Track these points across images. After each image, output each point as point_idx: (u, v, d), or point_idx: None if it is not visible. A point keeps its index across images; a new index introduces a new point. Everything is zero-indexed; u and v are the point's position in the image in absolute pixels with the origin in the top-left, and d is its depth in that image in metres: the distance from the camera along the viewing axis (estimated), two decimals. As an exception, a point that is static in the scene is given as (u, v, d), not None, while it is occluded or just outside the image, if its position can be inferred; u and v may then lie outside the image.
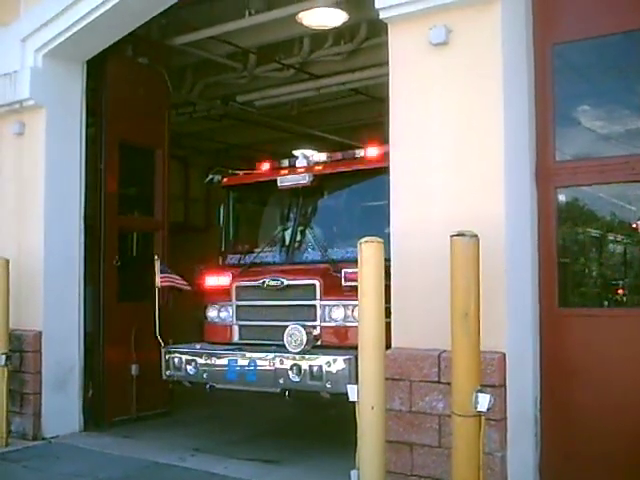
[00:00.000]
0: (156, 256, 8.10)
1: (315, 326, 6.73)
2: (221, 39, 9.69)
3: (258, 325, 7.25)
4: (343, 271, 6.56)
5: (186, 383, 7.41)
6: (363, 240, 4.74)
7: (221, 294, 7.54)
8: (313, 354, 6.44)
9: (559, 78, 5.48)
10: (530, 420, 5.28)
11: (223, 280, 7.57)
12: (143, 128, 9.04)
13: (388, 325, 5.11)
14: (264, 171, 7.88)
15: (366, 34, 9.36)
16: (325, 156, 7.64)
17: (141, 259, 9.29)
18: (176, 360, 7.28)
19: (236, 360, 6.86)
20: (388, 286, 5.16)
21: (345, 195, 7.58)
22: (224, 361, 6.95)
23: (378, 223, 6.05)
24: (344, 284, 6.55)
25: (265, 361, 6.65)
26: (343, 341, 6.63)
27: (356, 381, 4.79)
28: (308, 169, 7.48)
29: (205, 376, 7.09)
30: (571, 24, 5.48)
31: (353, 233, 6.28)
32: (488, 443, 4.76)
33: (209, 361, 7.04)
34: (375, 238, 4.75)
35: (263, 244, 7.76)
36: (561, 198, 5.54)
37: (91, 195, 8.52)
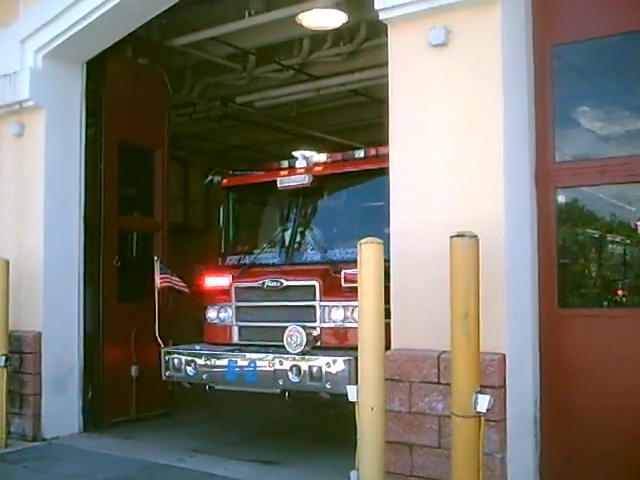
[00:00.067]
0: (156, 257, 8.12)
1: (315, 327, 6.73)
2: (221, 40, 9.68)
3: (258, 326, 7.25)
4: (343, 272, 6.57)
5: (186, 384, 7.42)
6: (363, 241, 4.74)
7: (221, 295, 7.54)
8: (313, 355, 6.44)
9: (559, 79, 5.48)
10: (530, 421, 5.28)
11: (223, 281, 7.58)
12: (143, 129, 9.03)
13: (388, 326, 5.11)
14: (264, 172, 7.89)
15: (366, 35, 9.35)
16: (325, 157, 7.65)
17: (141, 260, 9.27)
18: (176, 361, 7.28)
19: (236, 361, 6.86)
20: (388, 287, 5.16)
21: (345, 196, 7.59)
22: (224, 362, 6.94)
23: (377, 224, 6.05)
24: (344, 285, 6.57)
25: (265, 362, 6.64)
26: (343, 342, 6.63)
27: (356, 382, 4.78)
28: (308, 170, 7.47)
29: (205, 377, 7.09)
30: (570, 25, 5.48)
31: (353, 234, 6.27)
32: (488, 444, 4.75)
33: (209, 362, 7.04)
34: (375, 239, 4.75)
35: (263, 245, 7.76)
36: (561, 199, 5.54)
37: (91, 196, 8.51)
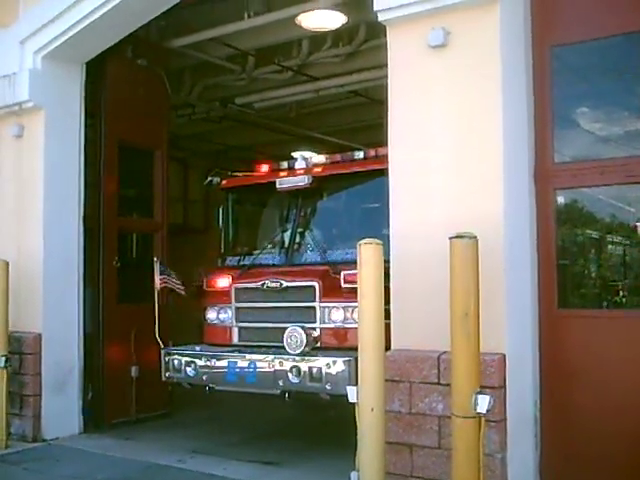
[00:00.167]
0: (155, 258, 8.12)
1: (315, 328, 6.73)
2: (220, 41, 9.69)
3: (258, 327, 7.24)
4: (342, 273, 6.57)
5: (186, 385, 7.41)
6: (362, 242, 4.74)
7: (220, 296, 7.53)
8: (313, 356, 6.44)
9: (558, 80, 5.48)
10: (530, 421, 5.28)
11: (222, 282, 7.58)
12: (142, 129, 9.04)
13: (388, 326, 5.11)
14: (263, 173, 7.89)
15: (365, 36, 9.37)
16: (324, 158, 7.65)
17: (140, 260, 9.27)
18: (176, 362, 7.27)
19: (236, 362, 6.86)
20: (387, 287, 5.16)
21: (344, 197, 7.58)
22: (224, 363, 6.94)
23: (377, 225, 6.05)
24: (343, 286, 6.57)
25: (265, 363, 6.64)
26: (343, 343, 6.63)
27: (356, 382, 4.78)
28: (307, 171, 7.47)
29: (205, 378, 7.08)
30: (570, 26, 5.49)
31: (352, 235, 6.27)
32: (488, 444, 4.76)
33: (209, 363, 7.04)
34: (374, 239, 4.75)
35: (262, 246, 7.76)
36: (560, 199, 5.55)
37: (90, 196, 8.51)
